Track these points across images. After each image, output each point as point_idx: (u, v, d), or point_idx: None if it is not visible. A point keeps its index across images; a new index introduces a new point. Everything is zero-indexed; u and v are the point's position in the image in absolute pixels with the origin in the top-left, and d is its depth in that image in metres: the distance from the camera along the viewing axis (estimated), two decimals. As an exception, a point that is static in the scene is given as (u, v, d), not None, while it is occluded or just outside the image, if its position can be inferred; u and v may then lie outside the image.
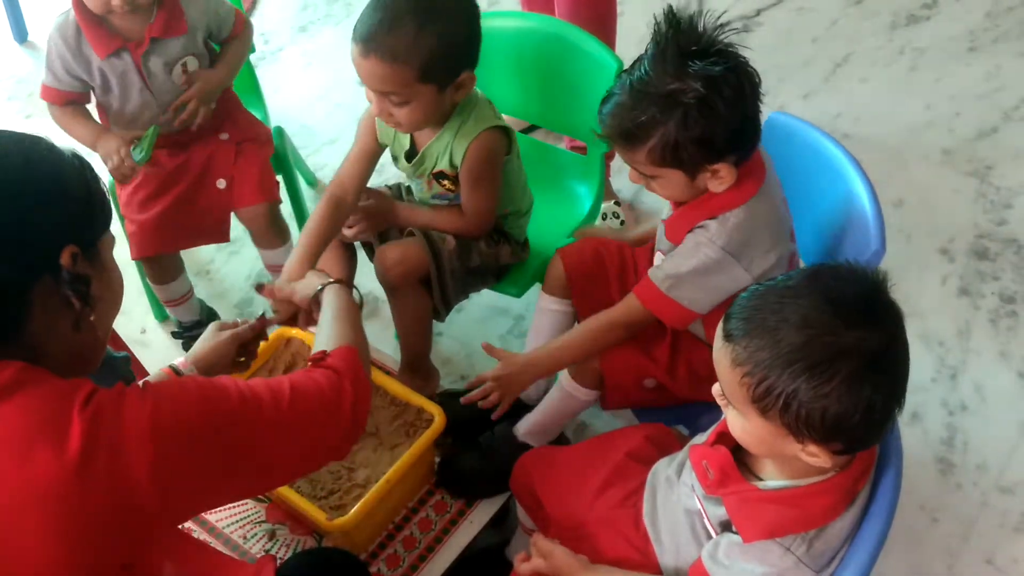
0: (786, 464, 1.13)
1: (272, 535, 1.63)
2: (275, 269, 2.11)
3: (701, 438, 1.27)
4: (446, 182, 1.71)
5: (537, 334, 1.76)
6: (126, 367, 1.78)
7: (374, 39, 1.47)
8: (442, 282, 1.73)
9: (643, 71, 1.30)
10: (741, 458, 1.18)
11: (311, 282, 1.51)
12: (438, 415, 1.63)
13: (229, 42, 2.03)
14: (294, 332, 1.80)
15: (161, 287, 2.16)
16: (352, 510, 1.50)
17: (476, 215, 1.73)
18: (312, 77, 3.11)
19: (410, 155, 1.72)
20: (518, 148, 1.75)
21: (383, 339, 2.25)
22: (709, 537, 1.21)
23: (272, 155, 2.13)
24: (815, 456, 1.05)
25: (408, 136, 1.70)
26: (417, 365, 1.88)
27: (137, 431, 0.96)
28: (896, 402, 1.04)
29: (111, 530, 0.96)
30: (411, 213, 1.78)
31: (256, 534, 1.65)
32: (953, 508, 1.88)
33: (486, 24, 1.59)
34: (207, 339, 1.48)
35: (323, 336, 1.33)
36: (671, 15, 1.29)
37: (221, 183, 2.01)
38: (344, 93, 2.97)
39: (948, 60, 2.89)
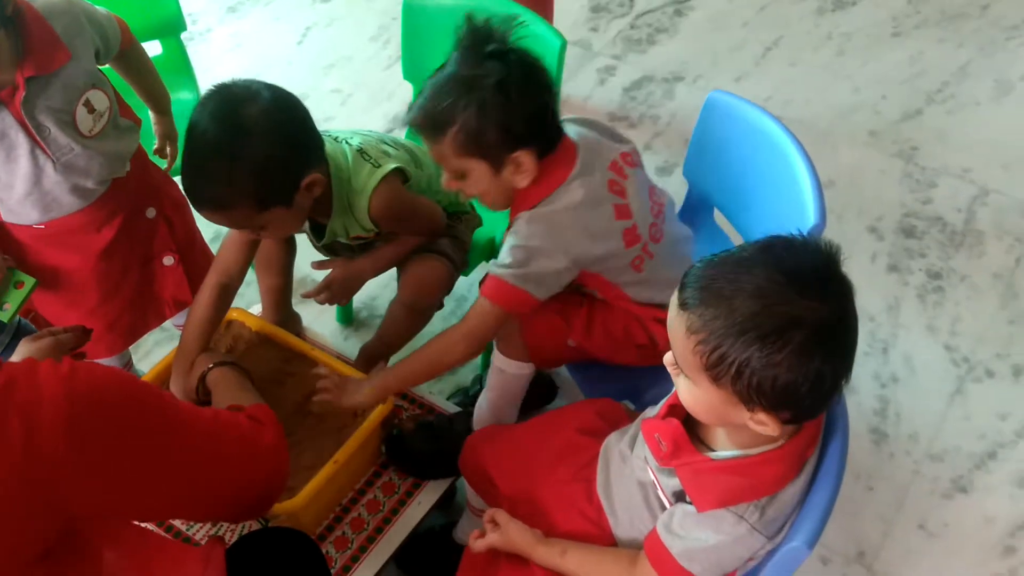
0: (736, 433, 1.14)
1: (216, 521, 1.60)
2: None
3: (652, 411, 1.29)
4: (369, 234, 1.66)
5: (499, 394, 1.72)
6: None
7: (197, 196, 1.41)
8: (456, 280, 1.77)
9: (448, 65, 1.39)
10: (693, 429, 1.20)
11: (196, 371, 1.54)
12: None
13: (127, 56, 1.69)
14: (234, 315, 1.76)
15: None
16: (300, 492, 1.48)
17: (427, 232, 1.74)
18: (242, 58, 3.05)
19: (315, 231, 1.66)
20: (414, 166, 1.67)
21: (321, 322, 2.23)
22: (663, 508, 1.22)
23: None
24: (763, 424, 1.06)
25: None
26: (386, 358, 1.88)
27: (52, 396, 0.93)
28: (844, 373, 1.06)
29: (25, 505, 0.92)
30: (376, 259, 1.72)
31: (199, 520, 1.61)
32: (887, 477, 1.94)
33: (428, 1, 1.56)
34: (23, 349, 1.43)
35: (228, 401, 1.37)
36: (471, 18, 1.39)
37: (168, 260, 1.78)
38: (275, 74, 2.92)
39: (873, 45, 2.97)
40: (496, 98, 1.34)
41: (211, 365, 1.52)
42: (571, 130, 1.48)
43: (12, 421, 0.90)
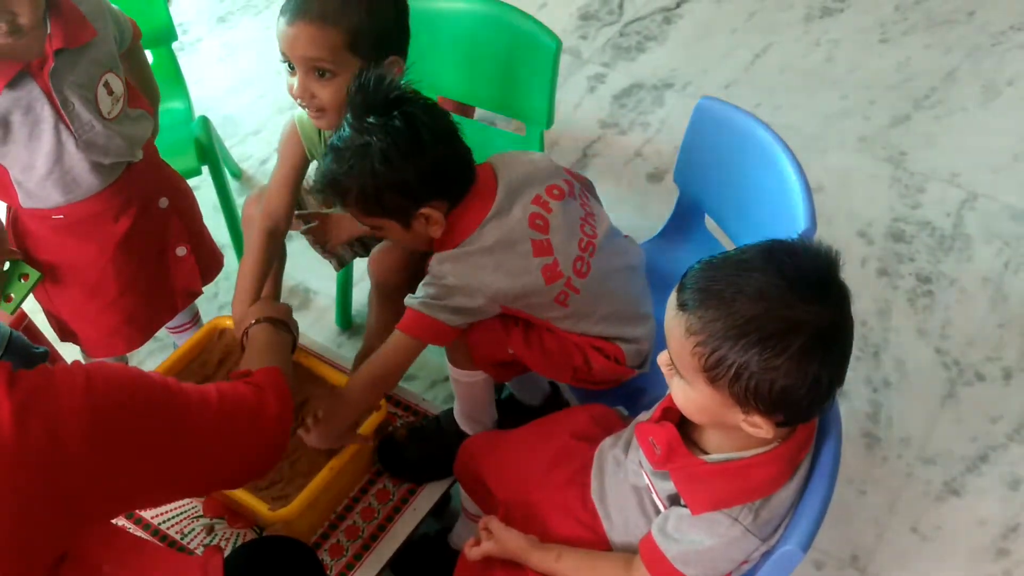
0: (729, 436, 1.15)
1: (211, 530, 1.60)
2: None
3: (646, 415, 1.29)
4: None
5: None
6: (43, 362, 1.73)
7: (303, 5, 1.43)
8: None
9: (340, 132, 1.39)
10: (686, 433, 1.20)
11: (244, 324, 1.55)
12: (380, 403, 1.61)
13: (133, 52, 1.72)
14: (228, 323, 1.76)
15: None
16: (295, 500, 1.48)
17: None
18: (233, 68, 3.05)
19: None
20: None
21: (316, 329, 2.23)
22: (658, 512, 1.23)
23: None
24: (757, 427, 1.07)
25: None
26: None
27: (72, 403, 0.95)
28: (839, 378, 1.07)
29: (48, 511, 0.94)
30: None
31: (194, 529, 1.61)
32: (880, 480, 1.95)
33: (424, 5, 1.58)
34: None
35: (248, 363, 1.40)
36: (359, 77, 1.38)
37: (181, 251, 1.79)
38: (267, 84, 2.92)
39: (861, 51, 2.99)
40: (384, 164, 1.34)
41: (253, 321, 1.52)
42: (495, 165, 1.48)
43: (35, 429, 0.92)
